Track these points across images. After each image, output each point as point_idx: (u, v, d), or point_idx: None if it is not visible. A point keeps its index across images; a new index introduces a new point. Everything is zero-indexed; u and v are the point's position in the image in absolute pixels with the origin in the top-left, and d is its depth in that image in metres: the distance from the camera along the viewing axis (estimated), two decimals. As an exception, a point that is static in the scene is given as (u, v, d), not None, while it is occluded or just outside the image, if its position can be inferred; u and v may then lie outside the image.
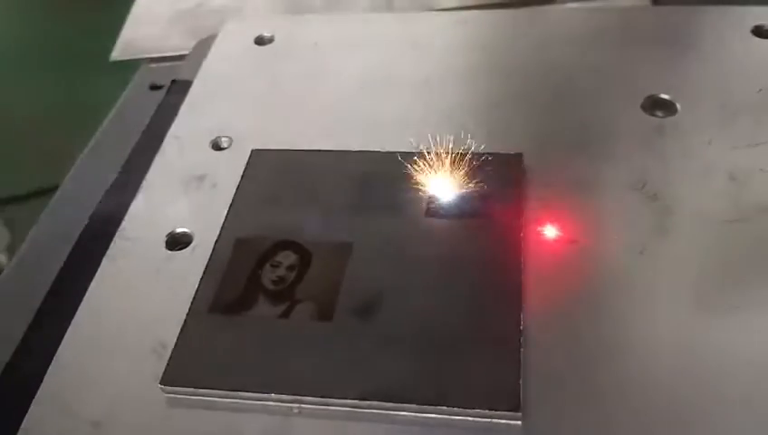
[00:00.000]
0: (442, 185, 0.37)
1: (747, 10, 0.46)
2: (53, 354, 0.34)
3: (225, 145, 0.42)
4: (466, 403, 0.29)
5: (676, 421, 0.29)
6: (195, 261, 0.36)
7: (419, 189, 0.37)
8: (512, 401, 0.29)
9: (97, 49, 0.68)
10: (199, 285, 0.35)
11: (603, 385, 0.30)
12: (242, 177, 0.40)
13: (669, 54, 0.44)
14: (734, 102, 0.41)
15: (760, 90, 0.41)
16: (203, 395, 0.31)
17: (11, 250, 1.04)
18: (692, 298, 0.32)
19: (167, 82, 0.53)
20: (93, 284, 0.36)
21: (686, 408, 0.29)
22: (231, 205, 0.38)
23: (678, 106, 0.41)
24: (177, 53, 0.58)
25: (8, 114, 1.29)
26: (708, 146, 0.39)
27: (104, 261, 0.37)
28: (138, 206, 0.40)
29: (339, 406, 0.30)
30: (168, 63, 0.59)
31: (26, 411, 0.32)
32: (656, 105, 0.41)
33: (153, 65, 0.60)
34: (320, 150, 0.41)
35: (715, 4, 0.48)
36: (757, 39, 0.44)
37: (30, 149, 1.22)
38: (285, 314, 0.33)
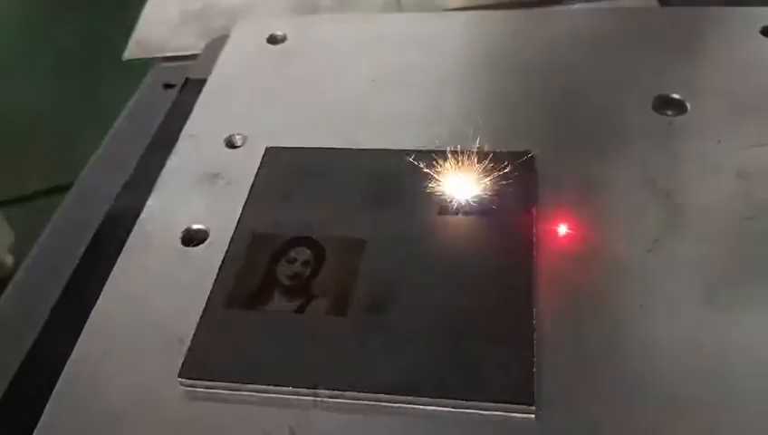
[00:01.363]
0: (454, 182, 0.37)
1: (755, 10, 0.47)
2: (71, 349, 0.34)
3: (239, 143, 0.43)
4: (481, 397, 0.29)
5: (690, 416, 0.29)
6: (210, 257, 0.36)
7: (431, 187, 0.37)
8: (526, 395, 0.29)
9: (110, 48, 0.69)
10: (216, 280, 0.35)
11: (616, 379, 0.30)
12: (256, 174, 0.40)
13: (679, 54, 0.45)
14: (743, 101, 0.41)
15: (769, 89, 0.41)
16: (221, 388, 0.31)
17: (14, 250, 1.05)
18: (703, 295, 0.33)
19: (180, 81, 0.54)
20: (110, 280, 0.37)
21: (698, 402, 0.29)
22: (246, 202, 0.39)
23: (688, 105, 0.41)
24: (189, 53, 0.59)
25: (16, 114, 1.29)
26: (718, 145, 0.39)
27: (121, 257, 0.38)
28: (153, 203, 0.40)
29: (355, 399, 0.30)
30: (180, 63, 0.59)
31: (44, 406, 0.32)
32: (666, 104, 0.41)
33: (166, 64, 0.60)
34: (333, 148, 0.41)
35: (723, 4, 0.48)
36: (765, 39, 0.45)
37: (34, 149, 1.23)
38: (301, 310, 0.33)
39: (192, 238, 0.38)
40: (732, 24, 0.47)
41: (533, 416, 0.29)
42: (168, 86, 0.55)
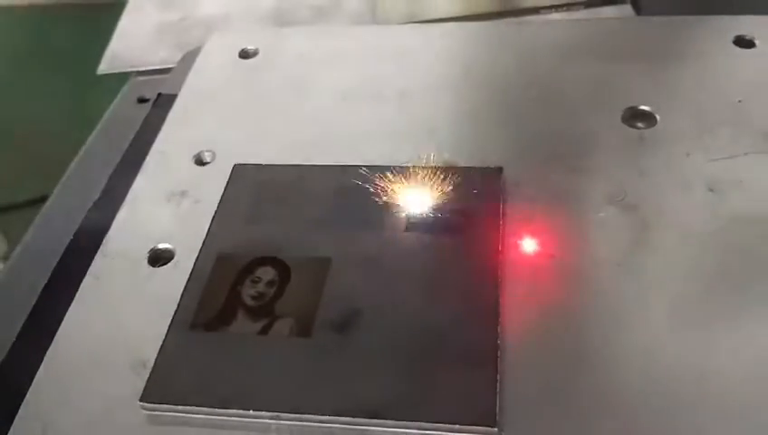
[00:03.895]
0: (422, 199, 0.37)
1: (729, 19, 0.47)
2: (35, 372, 0.34)
3: (208, 160, 0.42)
4: (443, 419, 0.29)
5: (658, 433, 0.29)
6: (176, 277, 0.36)
7: (399, 204, 0.37)
8: (488, 417, 0.29)
9: (88, 60, 0.68)
10: (180, 301, 0.35)
11: (581, 400, 0.30)
12: (224, 192, 0.40)
13: (650, 65, 0.44)
14: (713, 113, 0.41)
15: (740, 100, 0.41)
16: (183, 412, 0.31)
17: (7, 259, 1.04)
18: (670, 310, 0.32)
19: (154, 95, 0.54)
20: (75, 301, 0.36)
21: (663, 421, 0.29)
22: (212, 220, 0.38)
23: (658, 117, 0.41)
24: (165, 66, 0.59)
25: (7, 123, 1.29)
26: (688, 157, 0.39)
27: (86, 278, 0.37)
28: (120, 221, 0.40)
29: (317, 422, 0.30)
30: (155, 76, 0.59)
31: (8, 430, 0.32)
32: (636, 116, 0.41)
33: (141, 78, 0.60)
34: (301, 165, 0.41)
35: (699, 13, 0.48)
36: (738, 49, 0.45)
37: (25, 159, 1.22)
38: (265, 331, 0.33)
39: (158, 258, 0.38)
40: (705, 33, 0.47)
41: (496, 438, 0.29)
42: (142, 100, 0.54)
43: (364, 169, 0.39)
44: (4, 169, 1.19)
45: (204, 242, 0.37)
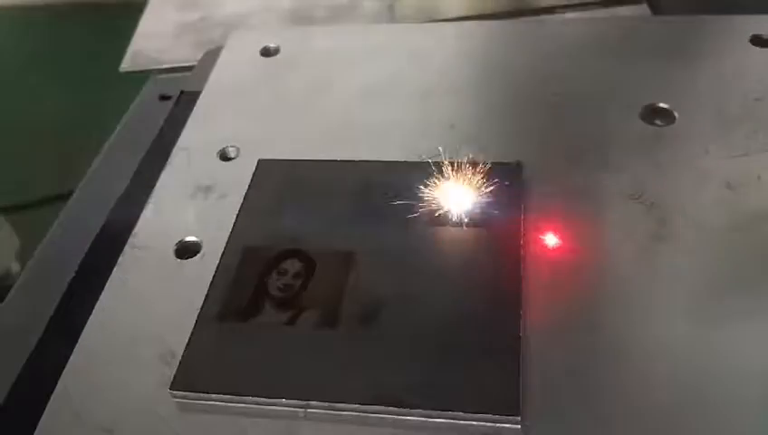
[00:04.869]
0: (444, 194, 0.37)
1: (746, 19, 0.47)
2: (65, 363, 0.35)
3: (232, 155, 0.43)
4: (467, 408, 0.30)
5: (674, 426, 0.29)
6: (203, 269, 0.37)
7: (421, 198, 0.38)
8: (511, 406, 0.30)
9: (105, 59, 0.69)
10: (208, 293, 0.35)
11: (601, 391, 0.30)
12: (249, 186, 0.40)
13: (668, 63, 0.45)
14: (731, 111, 0.41)
15: (757, 98, 0.42)
16: (211, 400, 0.32)
17: (21, 257, 1.05)
18: (689, 306, 0.33)
19: (176, 93, 0.54)
20: (104, 292, 0.37)
21: (682, 413, 0.29)
22: (238, 214, 0.39)
23: (676, 115, 0.41)
24: (186, 64, 0.60)
25: (19, 121, 1.30)
26: (706, 154, 0.39)
27: (115, 270, 0.38)
28: (147, 215, 0.41)
29: (343, 410, 0.31)
30: (177, 74, 0.60)
31: (39, 419, 0.33)
32: (654, 114, 0.42)
33: (162, 76, 0.61)
34: (325, 160, 0.42)
35: (716, 13, 0.49)
36: (755, 48, 0.45)
37: (39, 157, 1.24)
38: (291, 322, 0.34)
39: (185, 251, 0.38)
40: (722, 32, 0.47)
41: (519, 426, 0.29)
42: (164, 98, 0.55)
43: (386, 164, 0.40)
44: (17, 168, 1.21)
45: (230, 235, 0.38)
